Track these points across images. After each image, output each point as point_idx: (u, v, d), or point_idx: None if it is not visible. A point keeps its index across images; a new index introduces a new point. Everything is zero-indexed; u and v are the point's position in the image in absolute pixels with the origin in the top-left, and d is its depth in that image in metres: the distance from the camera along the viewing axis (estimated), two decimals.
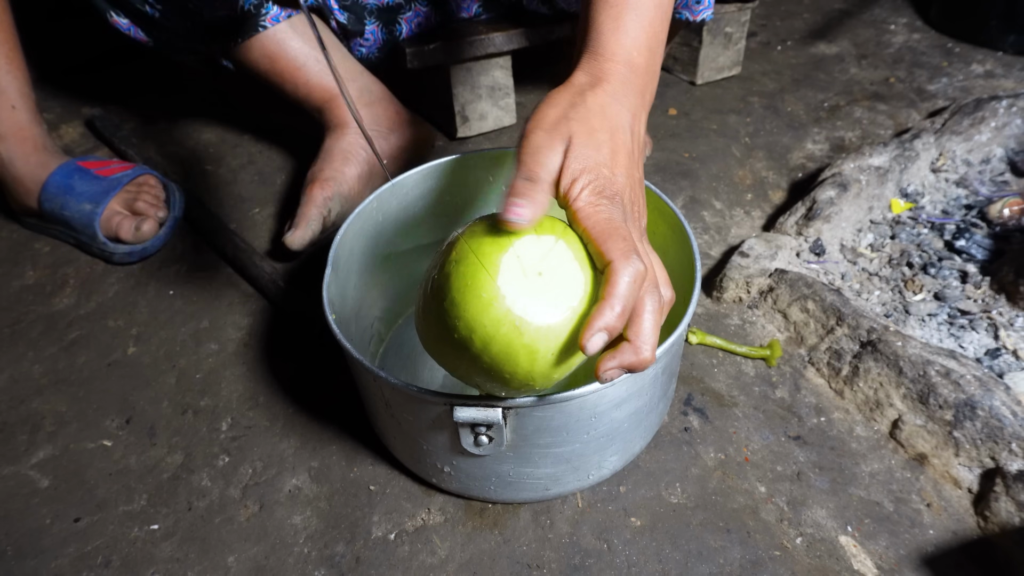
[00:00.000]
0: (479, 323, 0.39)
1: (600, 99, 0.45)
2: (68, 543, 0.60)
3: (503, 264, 0.39)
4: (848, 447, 0.65)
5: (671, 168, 1.02)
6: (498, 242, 0.40)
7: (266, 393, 0.72)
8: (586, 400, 0.50)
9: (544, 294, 0.39)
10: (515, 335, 0.38)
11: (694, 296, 0.56)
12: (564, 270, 0.40)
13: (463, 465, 0.57)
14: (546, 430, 0.52)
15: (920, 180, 0.91)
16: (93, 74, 1.32)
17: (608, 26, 0.47)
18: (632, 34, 0.47)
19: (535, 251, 0.40)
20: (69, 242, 0.93)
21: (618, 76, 0.46)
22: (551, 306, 0.39)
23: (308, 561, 0.58)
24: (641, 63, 0.48)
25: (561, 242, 0.41)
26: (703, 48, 1.17)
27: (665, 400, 0.62)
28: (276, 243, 0.92)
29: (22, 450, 0.68)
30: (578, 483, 0.59)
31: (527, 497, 0.60)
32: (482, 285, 0.38)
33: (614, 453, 0.58)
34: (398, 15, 0.95)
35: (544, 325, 0.39)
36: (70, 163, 0.90)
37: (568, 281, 0.40)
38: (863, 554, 0.57)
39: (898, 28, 1.39)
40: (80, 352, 0.78)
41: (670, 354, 0.56)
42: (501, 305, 0.38)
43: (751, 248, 0.81)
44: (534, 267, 0.39)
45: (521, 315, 0.38)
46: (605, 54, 0.47)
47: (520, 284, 0.39)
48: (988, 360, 0.69)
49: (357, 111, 0.63)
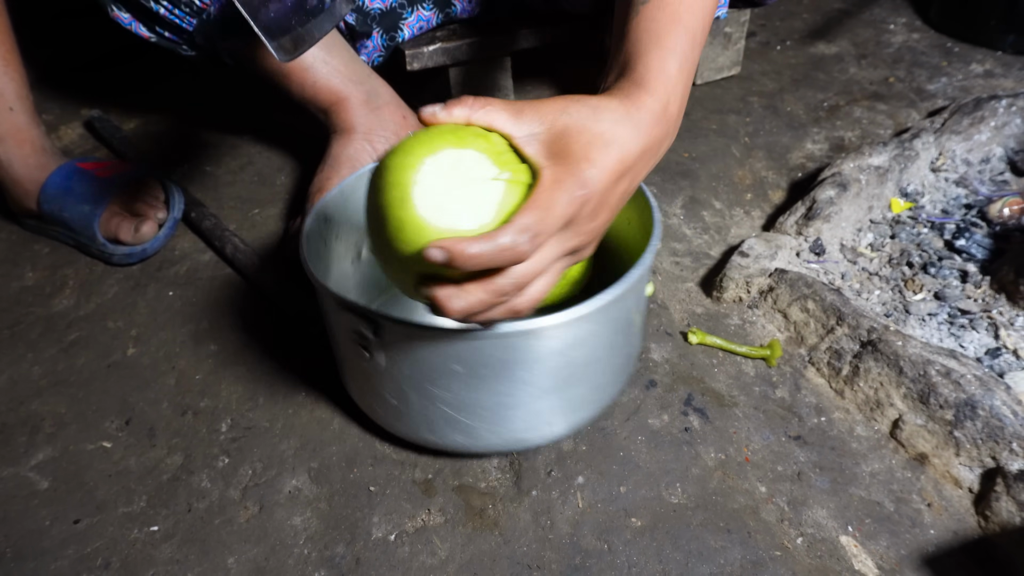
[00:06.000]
0: (395, 225, 0.41)
1: (617, 116, 0.44)
2: (67, 545, 0.60)
3: (423, 175, 0.41)
4: (849, 447, 0.65)
5: (671, 168, 1.02)
6: (424, 150, 0.42)
7: (266, 394, 0.72)
8: (460, 339, 0.50)
9: (457, 204, 0.41)
10: (423, 233, 0.41)
11: (652, 244, 0.57)
12: (484, 188, 0.42)
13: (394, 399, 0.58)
14: (429, 363, 0.53)
15: (920, 180, 0.91)
16: (98, 73, 1.32)
17: (655, 65, 0.47)
18: (673, 81, 0.47)
19: (464, 166, 0.42)
20: (68, 243, 0.93)
21: (649, 111, 0.46)
22: (461, 216, 0.41)
23: (308, 562, 0.58)
24: (674, 112, 0.47)
25: (490, 160, 0.42)
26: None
27: (615, 371, 0.61)
28: (276, 243, 0.92)
29: (21, 451, 0.68)
30: (511, 435, 0.59)
31: (461, 444, 0.60)
32: (404, 182, 0.41)
33: (554, 411, 0.58)
34: (399, 20, 0.95)
35: (447, 228, 0.41)
36: (69, 164, 0.90)
37: (484, 198, 0.42)
38: (864, 554, 0.57)
39: (898, 28, 1.39)
40: (80, 353, 0.78)
41: (621, 305, 0.55)
42: (413, 210, 0.41)
43: (751, 248, 0.81)
44: (469, 173, 0.41)
45: (424, 218, 0.41)
46: (647, 87, 0.46)
47: (440, 188, 0.41)
48: (988, 360, 0.68)
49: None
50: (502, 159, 0.42)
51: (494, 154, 0.42)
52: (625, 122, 0.44)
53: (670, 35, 0.48)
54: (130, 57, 1.36)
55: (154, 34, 0.88)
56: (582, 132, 0.43)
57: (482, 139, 0.43)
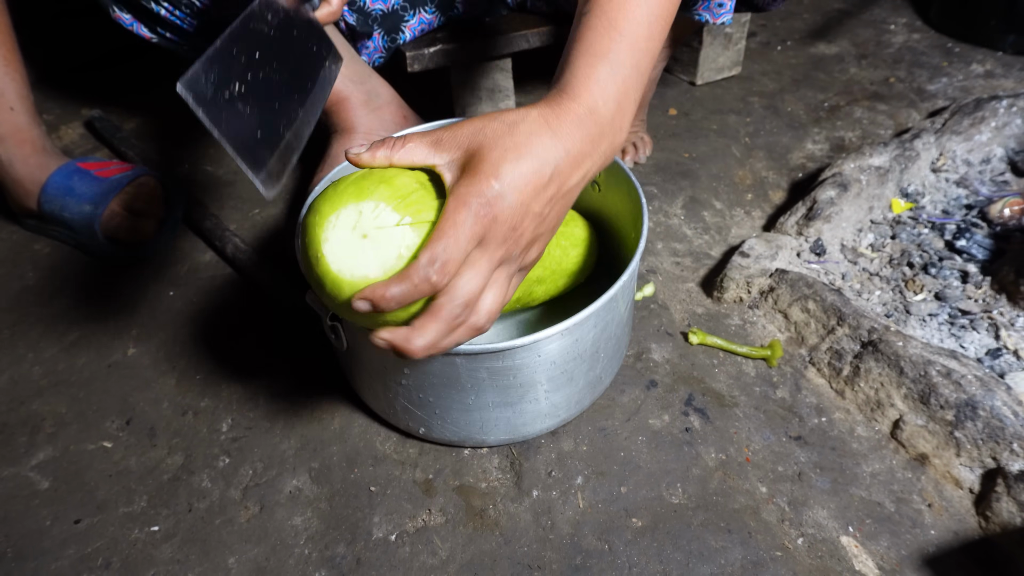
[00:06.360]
0: (313, 272, 0.44)
1: (534, 128, 0.44)
2: (68, 545, 0.60)
3: (329, 231, 0.43)
4: (849, 447, 0.65)
5: (671, 168, 1.02)
6: (328, 207, 0.44)
7: (266, 394, 0.72)
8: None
9: (363, 254, 0.43)
10: (341, 287, 0.43)
11: (637, 252, 0.60)
12: (388, 234, 0.43)
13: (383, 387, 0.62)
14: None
15: (920, 180, 0.91)
16: (98, 73, 1.32)
17: (582, 71, 0.48)
18: (603, 84, 0.47)
19: (365, 217, 0.44)
20: (69, 243, 0.93)
21: (572, 116, 0.46)
22: (368, 266, 0.43)
23: (309, 562, 0.58)
24: (605, 113, 0.47)
25: (390, 208, 0.44)
26: (703, 49, 1.17)
27: (573, 394, 0.63)
28: (277, 243, 0.92)
29: (22, 451, 0.68)
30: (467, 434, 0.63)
31: (420, 432, 0.64)
32: (317, 240, 0.44)
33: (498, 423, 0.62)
34: (401, 23, 0.95)
35: (361, 278, 0.43)
36: (69, 164, 0.90)
37: (387, 244, 0.43)
38: (864, 554, 0.57)
39: (898, 28, 1.39)
40: (80, 353, 0.78)
41: (597, 319, 0.58)
42: (327, 266, 0.43)
43: (751, 248, 0.81)
44: (369, 223, 0.43)
45: (337, 272, 0.43)
46: (571, 93, 0.47)
47: (345, 242, 0.43)
48: (989, 360, 0.69)
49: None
50: (406, 202, 0.44)
51: (397, 199, 0.43)
52: (542, 131, 0.44)
53: (602, 41, 0.48)
54: (130, 57, 1.36)
55: (155, 35, 0.88)
56: (493, 149, 0.43)
57: (384, 185, 0.44)
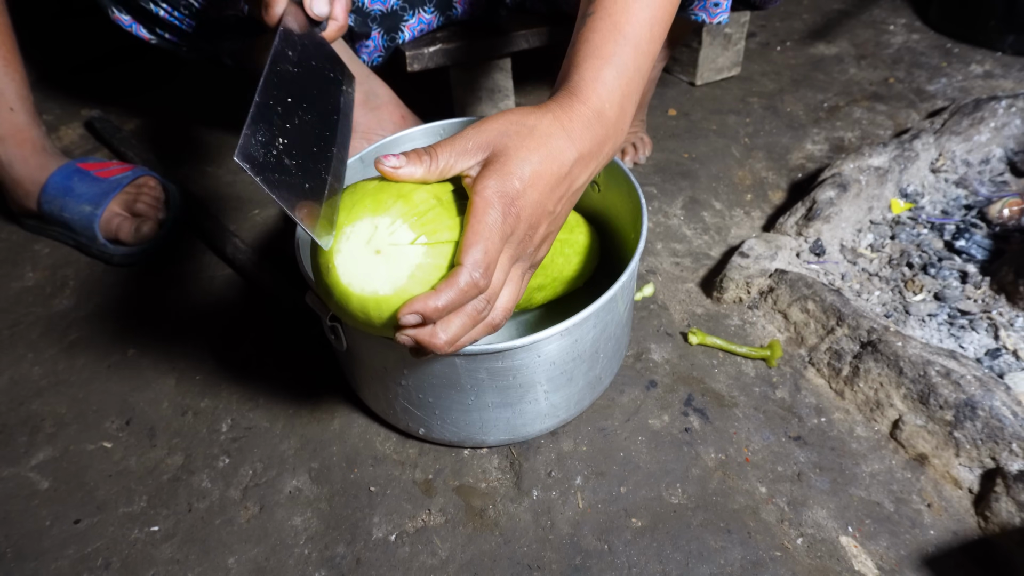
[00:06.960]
0: (322, 280, 0.45)
1: (551, 130, 0.46)
2: (68, 545, 0.60)
3: (343, 243, 0.43)
4: (848, 447, 0.65)
5: (671, 168, 1.02)
6: (344, 218, 0.44)
7: (266, 394, 0.72)
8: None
9: (375, 271, 0.43)
10: (349, 299, 0.44)
11: (638, 250, 0.60)
12: (401, 252, 0.44)
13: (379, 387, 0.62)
14: (382, 355, 0.57)
15: (920, 180, 0.91)
16: (98, 73, 1.32)
17: (589, 74, 0.49)
18: (609, 87, 0.49)
19: (380, 232, 0.44)
20: (69, 243, 0.93)
21: (583, 119, 0.48)
22: (377, 282, 0.43)
23: (309, 562, 0.58)
24: (611, 116, 0.50)
25: (406, 225, 0.44)
26: (703, 49, 1.17)
27: (569, 398, 0.63)
28: (277, 243, 0.92)
29: (22, 452, 0.68)
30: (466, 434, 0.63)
31: (419, 432, 0.64)
32: (329, 250, 0.43)
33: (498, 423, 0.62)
34: (400, 23, 0.95)
35: (370, 294, 0.43)
36: (69, 165, 0.90)
37: (400, 263, 0.43)
38: (864, 554, 0.57)
39: (897, 28, 1.39)
40: (80, 354, 0.78)
41: (599, 318, 0.58)
42: (337, 277, 0.43)
43: (751, 248, 0.81)
44: (384, 239, 0.43)
45: (347, 284, 0.43)
46: (580, 96, 0.49)
47: (357, 256, 0.43)
48: (988, 360, 0.69)
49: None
50: (422, 220, 0.44)
51: (414, 216, 0.44)
52: (559, 134, 0.46)
53: (608, 44, 0.50)
54: (130, 57, 1.36)
55: (154, 36, 0.88)
56: (518, 150, 0.45)
57: (403, 201, 0.44)
